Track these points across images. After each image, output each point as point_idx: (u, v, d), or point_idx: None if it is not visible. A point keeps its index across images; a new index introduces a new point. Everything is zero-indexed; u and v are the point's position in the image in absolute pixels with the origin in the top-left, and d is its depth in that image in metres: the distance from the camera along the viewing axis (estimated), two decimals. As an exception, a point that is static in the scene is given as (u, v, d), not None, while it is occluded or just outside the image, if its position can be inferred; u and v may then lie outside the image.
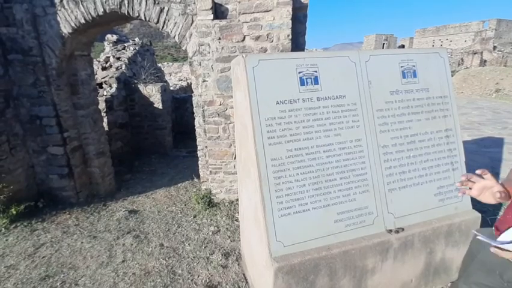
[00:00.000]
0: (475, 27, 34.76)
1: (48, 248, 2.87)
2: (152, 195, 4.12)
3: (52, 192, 3.75)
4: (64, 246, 2.89)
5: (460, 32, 36.94)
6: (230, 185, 3.52)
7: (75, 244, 2.93)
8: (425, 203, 1.81)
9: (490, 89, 12.82)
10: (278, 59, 1.67)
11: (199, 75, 3.24)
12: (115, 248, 2.84)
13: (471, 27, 35.47)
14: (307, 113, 1.66)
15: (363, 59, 1.77)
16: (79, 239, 3.01)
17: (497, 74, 13.54)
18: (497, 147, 5.13)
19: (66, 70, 3.63)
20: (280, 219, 1.60)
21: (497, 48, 19.95)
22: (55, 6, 3.23)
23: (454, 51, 22.58)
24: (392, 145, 1.78)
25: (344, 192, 1.70)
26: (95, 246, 2.88)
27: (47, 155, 3.65)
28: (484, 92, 12.87)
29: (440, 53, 1.90)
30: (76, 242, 2.97)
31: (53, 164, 3.67)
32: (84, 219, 3.44)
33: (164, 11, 3.15)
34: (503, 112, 8.63)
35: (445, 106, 1.87)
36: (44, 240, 3.01)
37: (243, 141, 1.85)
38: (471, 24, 35.90)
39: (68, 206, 3.68)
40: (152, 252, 2.74)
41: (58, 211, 3.58)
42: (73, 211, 3.59)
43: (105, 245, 2.90)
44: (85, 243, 2.94)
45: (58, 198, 3.75)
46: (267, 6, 2.80)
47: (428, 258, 1.84)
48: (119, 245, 2.90)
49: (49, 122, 3.53)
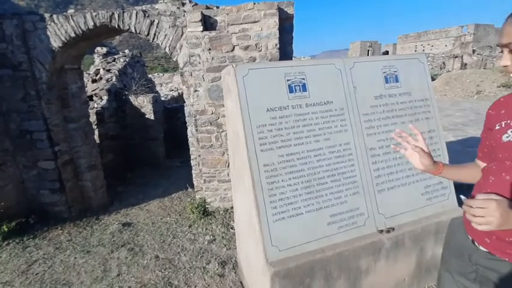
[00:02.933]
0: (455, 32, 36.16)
1: (41, 265, 2.81)
2: (146, 206, 4.09)
3: (43, 207, 3.69)
4: (56, 263, 2.84)
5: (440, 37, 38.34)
6: (224, 193, 3.53)
7: (68, 260, 2.88)
8: (414, 202, 1.88)
9: (471, 91, 13.28)
10: (267, 68, 1.74)
11: (190, 85, 3.29)
12: (110, 262, 2.80)
13: (451, 32, 36.88)
14: (296, 119, 1.72)
15: (348, 66, 1.85)
16: (72, 255, 2.96)
17: (477, 76, 14.07)
18: (481, 146, 5.29)
19: (56, 84, 3.63)
20: (274, 223, 1.63)
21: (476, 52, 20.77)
22: (45, 21, 3.26)
23: (436, 56, 23.39)
24: (379, 147, 1.85)
25: (335, 194, 1.75)
26: (89, 261, 2.83)
27: (37, 170, 3.60)
28: (465, 94, 13.32)
29: (419, 59, 2.00)
30: (69, 257, 2.92)
31: (44, 178, 3.62)
32: (77, 234, 3.39)
33: (154, 24, 3.21)
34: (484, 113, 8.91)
35: (427, 109, 1.96)
36: (37, 257, 2.94)
37: (235, 148, 1.89)
38: (450, 29, 37.35)
39: (60, 221, 3.62)
40: (148, 265, 2.72)
41: (50, 227, 3.51)
42: (65, 226, 3.53)
43: (99, 259, 2.86)
44: (78, 258, 2.90)
45: (50, 213, 3.69)
46: (254, 17, 2.89)
47: (419, 257, 1.90)
48: (114, 258, 2.86)
49: (40, 136, 3.50)
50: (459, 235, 1.08)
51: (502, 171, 0.90)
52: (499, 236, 0.88)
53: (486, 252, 0.95)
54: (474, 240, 0.99)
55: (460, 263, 1.06)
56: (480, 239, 0.96)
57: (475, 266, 0.99)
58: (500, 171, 0.91)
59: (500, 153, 0.93)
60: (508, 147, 0.89)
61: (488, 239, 0.93)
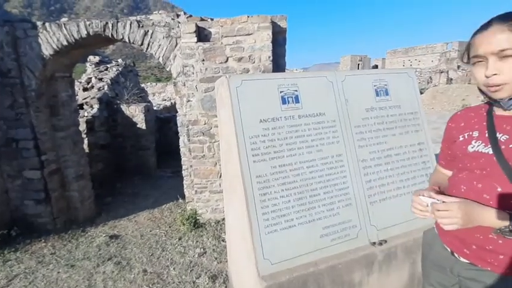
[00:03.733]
0: (440, 49, 37.67)
1: (22, 280, 2.68)
2: (135, 218, 3.99)
3: (27, 219, 3.55)
4: (38, 277, 2.71)
5: (426, 53, 39.85)
6: (216, 204, 3.48)
7: (51, 274, 2.75)
8: (405, 214, 1.88)
9: (457, 105, 13.73)
10: (260, 79, 1.75)
11: (183, 95, 3.29)
12: (95, 277, 2.69)
13: (436, 49, 38.40)
14: (289, 130, 1.72)
15: (340, 79, 1.88)
16: (55, 269, 2.84)
17: (463, 90, 14.59)
18: (469, 158, 5.43)
19: (46, 92, 3.57)
20: (267, 236, 1.60)
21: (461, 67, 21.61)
22: (37, 28, 3.24)
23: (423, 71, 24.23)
24: (371, 159, 1.86)
25: (327, 206, 1.74)
26: (73, 276, 2.72)
27: (22, 180, 3.48)
28: (452, 107, 13.75)
29: (408, 73, 2.06)
30: (51, 272, 2.79)
31: (29, 188, 3.50)
32: (61, 247, 3.26)
33: (148, 34, 3.23)
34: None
35: (416, 121, 2.00)
36: (18, 271, 2.81)
37: (228, 159, 1.88)
38: (436, 45, 38.90)
39: (44, 234, 3.48)
40: (135, 279, 2.62)
41: (33, 239, 3.37)
42: (49, 239, 3.40)
43: (84, 273, 2.75)
44: (61, 273, 2.77)
45: (33, 225, 3.55)
46: (248, 30, 2.94)
47: (411, 269, 1.89)
48: (99, 273, 2.75)
49: (26, 145, 3.41)
50: (437, 248, 1.09)
51: (473, 180, 0.94)
52: (478, 245, 0.90)
53: (467, 263, 0.95)
54: (453, 251, 1.00)
55: (441, 276, 1.06)
56: (459, 250, 0.97)
57: (458, 277, 0.99)
58: (471, 180, 0.94)
59: (468, 163, 0.97)
60: (475, 157, 0.94)
61: (467, 249, 0.94)
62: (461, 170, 1.00)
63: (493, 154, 0.89)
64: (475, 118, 1.02)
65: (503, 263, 0.86)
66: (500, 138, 0.89)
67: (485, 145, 0.92)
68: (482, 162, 0.92)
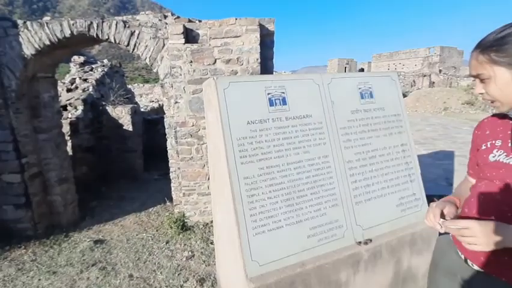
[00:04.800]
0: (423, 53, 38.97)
1: (-1, 289, 2.56)
2: (121, 222, 3.90)
3: (6, 224, 3.41)
4: (18, 285, 2.60)
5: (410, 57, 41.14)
6: (204, 207, 3.46)
7: (31, 282, 2.65)
8: (389, 213, 1.93)
9: (439, 107, 14.23)
10: (248, 82, 1.76)
11: (171, 96, 3.25)
12: (78, 283, 2.61)
13: (419, 53, 39.70)
14: (277, 132, 1.74)
15: (326, 81, 1.92)
16: (36, 276, 2.73)
17: (444, 94, 15.14)
18: (449, 159, 5.65)
19: (27, 92, 3.45)
20: (254, 237, 1.61)
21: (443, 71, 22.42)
22: (18, 27, 3.13)
23: (407, 74, 24.98)
24: (356, 160, 1.90)
25: (315, 207, 1.76)
26: (55, 283, 2.62)
27: (1, 184, 3.35)
28: (434, 110, 14.24)
29: (391, 76, 2.12)
30: (32, 279, 2.69)
31: (8, 193, 3.37)
32: (42, 253, 3.14)
33: (135, 35, 3.18)
34: (451, 128, 9.61)
35: (399, 123, 2.06)
36: (-6, 279, 2.69)
37: (215, 161, 1.87)
38: (419, 50, 40.22)
39: (24, 240, 3.35)
40: (121, 285, 2.56)
41: (12, 246, 3.24)
42: (30, 245, 3.27)
43: (66, 280, 2.66)
44: (43, 280, 2.67)
45: (13, 231, 3.41)
46: (236, 32, 2.95)
47: (396, 268, 1.93)
48: (83, 279, 2.67)
49: (5, 148, 3.28)
50: (450, 255, 1.06)
51: (492, 191, 0.92)
52: (495, 254, 0.85)
53: (481, 271, 0.93)
54: (467, 258, 0.98)
55: (451, 283, 1.04)
56: (474, 257, 0.94)
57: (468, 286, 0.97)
58: (490, 191, 0.93)
59: (488, 172, 0.95)
60: (495, 166, 0.92)
61: (484, 257, 0.91)
62: (481, 180, 0.99)
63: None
64: (501, 126, 0.97)
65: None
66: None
67: (507, 155, 0.89)
68: (503, 172, 0.89)
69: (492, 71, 0.84)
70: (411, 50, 41.48)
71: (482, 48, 0.85)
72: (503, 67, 0.82)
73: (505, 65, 0.81)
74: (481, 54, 0.85)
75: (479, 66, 0.86)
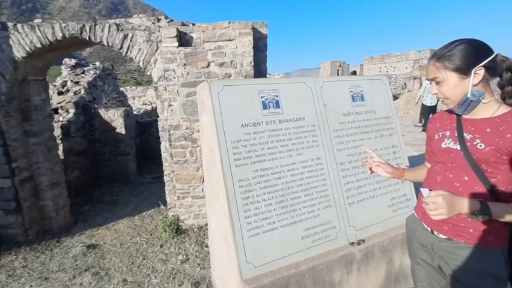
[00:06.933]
0: (413, 56, 39.66)
1: (-12, 296, 2.51)
2: (114, 226, 3.86)
3: (-5, 230, 3.34)
4: (8, 292, 2.55)
5: (401, 60, 41.81)
6: (199, 210, 3.45)
7: (22, 288, 2.60)
8: (381, 214, 1.97)
9: (431, 109, 14.46)
10: (241, 85, 1.78)
11: (164, 99, 3.25)
12: (71, 289, 2.58)
13: (410, 56, 40.39)
14: (270, 134, 1.76)
15: (318, 85, 1.96)
16: (27, 282, 2.68)
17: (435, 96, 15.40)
18: (441, 160, 5.74)
19: (17, 95, 3.41)
20: (249, 239, 1.62)
21: (434, 74, 22.87)
22: (7, 30, 3.09)
23: (398, 77, 25.36)
24: (349, 162, 1.94)
25: (308, 208, 1.78)
26: (47, 289, 2.58)
27: (-10, 189, 3.28)
28: (426, 111, 14.46)
29: (381, 80, 2.17)
30: (23, 285, 2.64)
31: (-2, 198, 3.30)
32: (34, 259, 3.09)
33: (128, 38, 3.18)
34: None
35: (390, 125, 2.11)
36: (-17, 287, 2.63)
37: (210, 163, 1.88)
38: (410, 53, 40.94)
39: (15, 245, 3.29)
40: (114, 289, 2.54)
41: (3, 252, 3.17)
42: (20, 251, 3.21)
43: (59, 286, 2.62)
44: (34, 286, 2.63)
45: (3, 236, 3.34)
46: (229, 35, 2.97)
47: (388, 267, 1.97)
48: (76, 285, 2.64)
49: (-5, 152, 3.22)
50: (419, 229, 1.26)
51: (446, 171, 1.14)
52: (453, 223, 1.09)
53: (445, 238, 1.13)
54: (433, 230, 1.17)
55: (425, 254, 1.23)
56: (439, 227, 1.14)
57: (437, 253, 1.16)
58: (444, 171, 1.14)
59: (441, 157, 1.17)
60: (447, 152, 1.14)
61: (446, 226, 1.12)
62: (436, 163, 1.20)
63: (461, 150, 1.08)
64: (448, 120, 1.20)
65: (473, 235, 1.05)
66: (466, 137, 1.08)
67: (455, 142, 1.12)
68: (452, 156, 1.11)
69: (445, 75, 1.04)
70: (402, 53, 42.21)
71: (438, 57, 1.05)
72: (453, 72, 1.02)
73: (453, 70, 1.02)
74: (437, 62, 1.05)
75: (435, 71, 1.06)
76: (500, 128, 1.00)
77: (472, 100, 1.02)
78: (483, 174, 1.04)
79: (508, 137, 0.98)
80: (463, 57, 1.00)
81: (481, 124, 1.06)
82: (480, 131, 1.05)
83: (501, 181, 1.02)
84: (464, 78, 1.01)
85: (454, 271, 1.10)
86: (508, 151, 0.98)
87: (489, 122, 1.04)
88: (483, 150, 1.02)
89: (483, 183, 1.03)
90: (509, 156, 0.99)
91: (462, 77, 1.01)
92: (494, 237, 1.04)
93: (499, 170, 1.02)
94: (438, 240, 1.16)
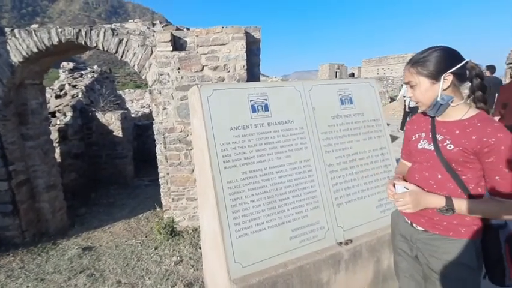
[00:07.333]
0: (411, 58, 39.79)
1: (-15, 297, 2.54)
2: (110, 229, 3.89)
3: (-8, 233, 3.37)
4: (4, 293, 2.58)
5: (398, 62, 41.94)
6: (193, 212, 3.48)
7: (18, 290, 2.63)
8: (369, 214, 2.01)
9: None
10: (231, 89, 1.82)
11: (159, 103, 3.29)
12: (66, 290, 2.61)
13: (407, 58, 40.48)
14: (259, 137, 1.80)
15: (307, 88, 2.00)
16: (24, 283, 2.71)
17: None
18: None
19: (14, 99, 3.45)
20: (238, 240, 1.65)
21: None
22: (5, 35, 3.14)
23: (395, 79, 25.46)
24: (337, 163, 1.98)
25: (296, 209, 1.82)
26: (42, 290, 2.61)
27: (-13, 192, 3.31)
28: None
29: (370, 83, 2.22)
30: (21, 286, 2.68)
31: (-6, 201, 3.33)
32: (30, 260, 3.12)
33: (123, 42, 3.23)
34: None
35: (378, 128, 2.15)
36: (-20, 288, 2.66)
37: (201, 166, 1.92)
38: (407, 55, 41.11)
39: (12, 247, 3.32)
40: (109, 291, 2.57)
41: (1, 253, 3.20)
42: (18, 253, 3.24)
43: (54, 287, 2.65)
44: (31, 287, 2.66)
45: (1, 238, 3.38)
46: (222, 40, 3.03)
47: (376, 267, 2.00)
48: (71, 286, 2.67)
49: (-9, 155, 3.26)
50: (401, 222, 1.37)
51: (422, 170, 1.23)
52: (429, 217, 1.19)
53: (422, 230, 1.23)
54: (413, 222, 1.28)
55: (405, 245, 1.34)
56: (417, 220, 1.25)
57: (415, 244, 1.27)
58: (421, 170, 1.24)
59: (418, 157, 1.27)
60: (423, 152, 1.24)
61: (423, 219, 1.22)
62: (415, 163, 1.31)
63: (434, 150, 1.17)
64: (424, 122, 1.29)
65: (446, 227, 1.15)
66: (438, 138, 1.17)
67: (429, 143, 1.21)
68: (427, 156, 1.21)
69: (418, 80, 1.12)
70: (400, 55, 42.37)
71: (413, 63, 1.14)
72: (425, 77, 1.10)
73: (426, 76, 1.10)
74: (412, 67, 1.14)
75: (410, 76, 1.15)
76: (467, 130, 1.07)
77: (441, 104, 1.10)
78: (454, 172, 1.12)
79: (473, 139, 1.04)
80: (435, 64, 1.07)
81: (451, 126, 1.13)
82: (450, 133, 1.13)
83: (471, 178, 1.10)
84: (434, 83, 1.09)
85: (428, 260, 1.19)
86: (473, 151, 1.05)
87: (458, 124, 1.11)
88: (452, 150, 1.10)
89: (455, 181, 1.12)
90: (476, 156, 1.06)
91: (433, 82, 1.09)
92: (466, 229, 1.12)
93: (468, 168, 1.09)
94: (416, 232, 1.25)
